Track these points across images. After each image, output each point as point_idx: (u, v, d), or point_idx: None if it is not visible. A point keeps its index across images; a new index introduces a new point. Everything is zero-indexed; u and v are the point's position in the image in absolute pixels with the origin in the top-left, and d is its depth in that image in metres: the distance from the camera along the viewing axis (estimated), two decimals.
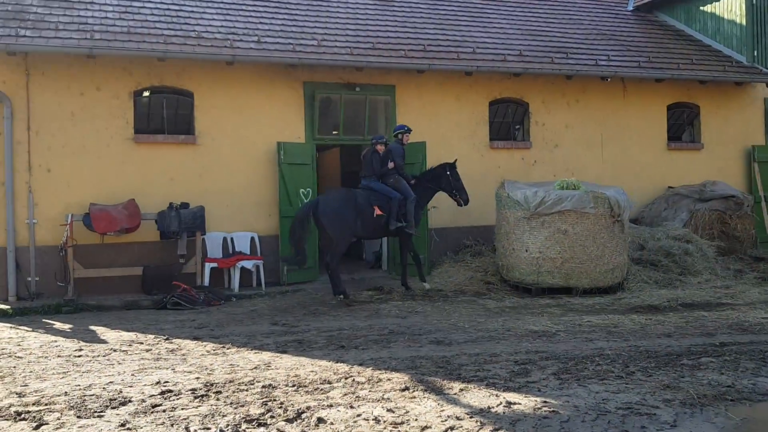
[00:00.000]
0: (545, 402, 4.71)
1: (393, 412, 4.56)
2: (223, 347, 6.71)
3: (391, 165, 9.93)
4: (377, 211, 9.61)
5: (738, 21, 14.48)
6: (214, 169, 10.70)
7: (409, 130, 10.23)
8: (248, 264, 10.48)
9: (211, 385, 5.30)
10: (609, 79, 12.83)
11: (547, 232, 9.19)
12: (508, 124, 12.89)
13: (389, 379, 5.37)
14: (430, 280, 10.53)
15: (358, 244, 14.24)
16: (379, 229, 9.89)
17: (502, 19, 13.84)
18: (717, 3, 14.95)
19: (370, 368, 5.73)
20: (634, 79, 13.20)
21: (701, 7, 15.36)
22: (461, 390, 5.03)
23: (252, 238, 10.85)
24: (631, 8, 16.43)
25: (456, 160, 10.42)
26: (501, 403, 4.70)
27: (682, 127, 14.46)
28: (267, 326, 7.82)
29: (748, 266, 11.36)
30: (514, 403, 4.69)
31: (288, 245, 10.68)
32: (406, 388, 5.09)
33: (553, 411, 4.51)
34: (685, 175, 13.75)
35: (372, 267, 12.56)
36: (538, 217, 9.22)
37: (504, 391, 5.01)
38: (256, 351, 6.53)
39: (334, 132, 11.53)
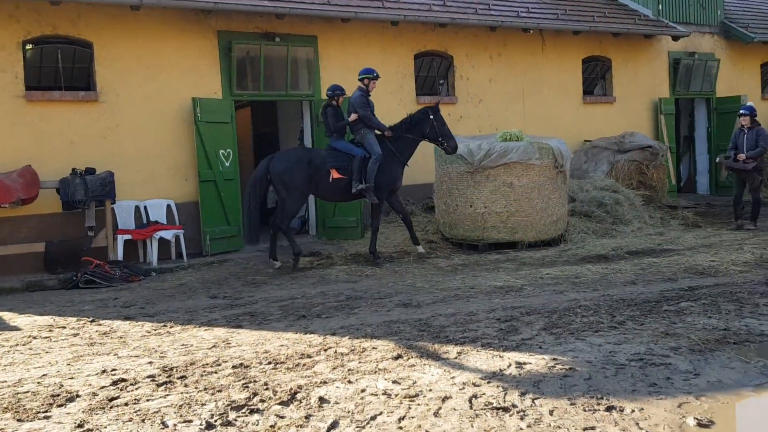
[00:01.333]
0: (555, 359, 4.37)
1: (399, 383, 4.05)
2: (165, 326, 5.90)
3: (353, 117, 8.70)
4: (334, 174, 8.53)
5: None
6: (121, 130, 9.54)
7: (377, 76, 8.93)
8: (167, 234, 9.49)
9: (171, 369, 4.55)
10: (531, 31, 12.68)
11: (492, 185, 8.90)
12: (433, 78, 12.47)
13: (374, 348, 4.84)
14: (366, 243, 10.01)
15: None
16: (342, 193, 8.73)
17: None
18: None
19: (347, 337, 5.18)
20: (553, 32, 13.14)
21: None
22: (460, 353, 4.60)
23: (168, 206, 9.83)
24: None
25: (438, 103, 9.16)
26: (510, 364, 4.31)
27: (595, 81, 14.67)
28: (205, 300, 7.03)
29: (667, 214, 11.69)
30: (524, 363, 4.32)
31: (213, 215, 9.82)
32: (399, 356, 4.60)
33: (570, 368, 4.18)
34: (599, 129, 13.96)
35: (298, 233, 11.83)
36: (483, 171, 8.90)
37: (504, 351, 4.63)
38: (207, 328, 5.78)
39: (252, 87, 10.59)
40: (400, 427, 3.41)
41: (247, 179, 13.33)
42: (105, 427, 3.56)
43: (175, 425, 3.55)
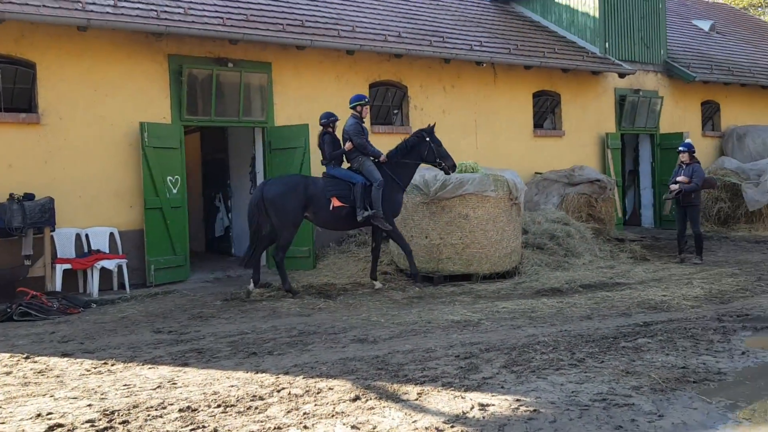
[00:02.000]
0: (518, 400, 4.25)
1: (358, 429, 3.85)
2: (106, 364, 5.54)
3: (348, 146, 8.60)
4: (335, 203, 8.30)
5: (591, 13, 15.20)
6: (64, 154, 9.13)
7: (368, 102, 8.90)
8: (109, 264, 9.07)
9: (112, 413, 4.23)
10: (484, 65, 12.83)
11: (448, 217, 8.84)
12: (388, 108, 12.45)
13: (330, 388, 4.63)
14: (318, 273, 9.83)
15: (226, 237, 13.14)
16: (345, 221, 8.54)
17: (374, 0, 13.36)
18: None
19: (301, 377, 4.95)
20: (505, 66, 13.34)
21: (556, 0, 15.96)
22: (420, 394, 4.43)
23: (111, 234, 9.43)
24: None
25: (434, 124, 9.09)
26: (473, 406, 4.17)
27: (545, 115, 14.94)
28: (149, 335, 6.67)
29: (616, 247, 11.87)
30: (488, 405, 4.18)
31: (159, 244, 9.44)
32: (357, 398, 4.39)
33: (534, 410, 4.06)
34: (549, 162, 14.18)
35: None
36: (439, 202, 8.84)
37: (466, 391, 4.48)
38: (151, 366, 5.45)
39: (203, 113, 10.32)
40: None
41: (194, 206, 13.10)
42: None
43: None
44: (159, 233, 9.54)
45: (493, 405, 4.18)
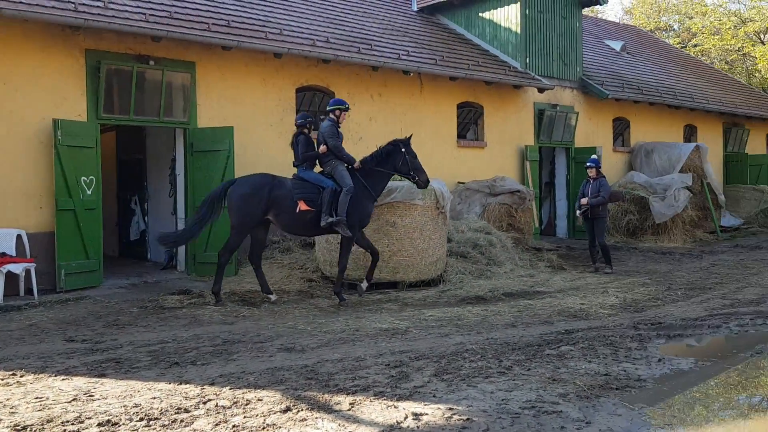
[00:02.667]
0: (451, 409, 4.26)
1: None
2: (15, 375, 5.18)
3: (322, 148, 8.34)
4: (302, 206, 8.02)
5: (513, 29, 15.64)
6: None
7: (348, 108, 8.67)
8: (16, 268, 8.49)
9: (24, 428, 3.95)
10: (411, 74, 12.94)
11: (376, 224, 8.82)
12: (315, 114, 12.33)
13: (260, 399, 4.50)
14: (241, 280, 9.59)
15: (141, 241, 12.62)
16: (309, 226, 8.24)
17: (302, 3, 13.24)
18: (495, 11, 16.00)
19: (228, 387, 4.79)
20: (431, 76, 13.50)
21: (480, 14, 16.33)
22: (352, 404, 4.37)
23: (19, 236, 8.84)
24: (416, 9, 16.94)
25: (411, 135, 9.02)
26: (407, 416, 4.15)
27: (468, 126, 15.22)
28: (61, 344, 6.29)
29: (534, 256, 12.22)
30: (421, 414, 4.17)
31: (71, 247, 8.94)
32: (288, 409, 4.29)
33: (467, 419, 4.08)
34: (472, 172, 14.45)
35: (165, 268, 11.10)
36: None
37: (398, 400, 4.46)
38: (65, 377, 5.13)
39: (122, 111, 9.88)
40: None
41: (109, 208, 12.50)
42: None
43: None
44: (71, 236, 9.04)
45: (427, 414, 4.17)
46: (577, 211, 11.50)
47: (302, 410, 4.26)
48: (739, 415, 4.43)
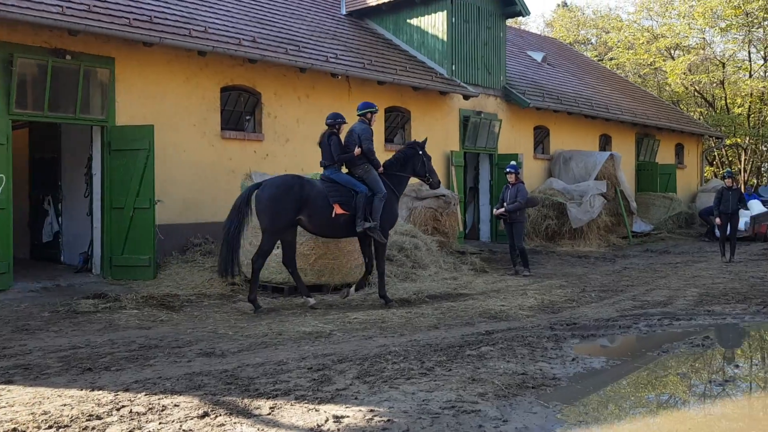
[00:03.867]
0: (372, 411, 4.28)
1: None
2: None
3: (357, 151, 8.16)
4: (338, 210, 7.86)
5: (440, 36, 15.91)
6: None
7: (377, 110, 8.58)
8: None
9: None
10: (339, 77, 12.95)
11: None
12: (240, 114, 12.15)
13: (176, 405, 4.38)
14: (159, 284, 9.32)
15: (55, 243, 12.06)
16: (343, 229, 8.08)
17: (228, 2, 13.02)
18: (422, 18, 16.23)
19: (143, 393, 4.64)
20: (360, 80, 13.55)
21: (408, 20, 16.52)
22: (273, 408, 4.32)
23: None
24: (344, 13, 16.97)
25: (426, 139, 9.02)
26: (327, 419, 4.13)
27: (396, 130, 15.37)
28: None
29: (458, 259, 12.44)
30: (342, 417, 4.17)
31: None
32: (206, 414, 4.20)
33: (388, 420, 4.11)
34: None
35: (79, 270, 10.64)
36: None
37: (320, 403, 4.44)
38: None
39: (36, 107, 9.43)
40: None
41: (21, 208, 11.87)
42: None
43: None
44: None
45: (348, 417, 4.17)
46: (494, 212, 11.88)
47: (220, 415, 4.18)
48: (648, 412, 4.65)
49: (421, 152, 8.69)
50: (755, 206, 17.96)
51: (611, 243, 16.93)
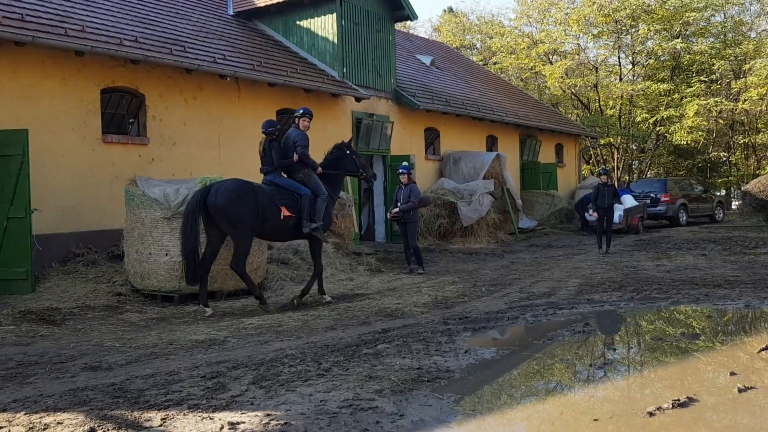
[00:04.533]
0: (269, 415, 4.23)
1: None
2: None
3: (295, 157, 8.43)
4: (285, 213, 8.05)
5: (330, 39, 15.96)
6: None
7: (311, 115, 8.91)
8: None
9: None
10: (228, 78, 12.69)
11: None
12: (123, 116, 11.62)
13: (60, 423, 4.14)
14: (38, 297, 8.76)
15: None
16: (287, 232, 8.34)
17: (109, 0, 12.44)
18: (312, 19, 16.21)
19: (22, 413, 4.35)
20: (249, 81, 13.35)
21: (298, 22, 16.46)
22: (164, 420, 4.18)
23: None
24: (232, 13, 16.66)
25: (351, 139, 9.71)
26: (222, 426, 4.05)
27: None
28: None
29: (354, 260, 12.53)
30: (238, 423, 4.09)
31: None
32: (92, 430, 4.00)
33: (285, 423, 4.08)
34: None
35: None
36: (181, 217, 8.45)
37: (214, 411, 4.34)
38: None
39: None
40: None
41: None
42: None
43: None
44: None
45: (244, 423, 4.10)
46: (388, 215, 12.07)
47: (108, 430, 3.99)
48: (537, 398, 4.88)
49: (348, 152, 9.14)
50: (628, 200, 19.27)
51: (500, 239, 17.63)
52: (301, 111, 8.94)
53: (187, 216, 7.76)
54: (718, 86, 30.16)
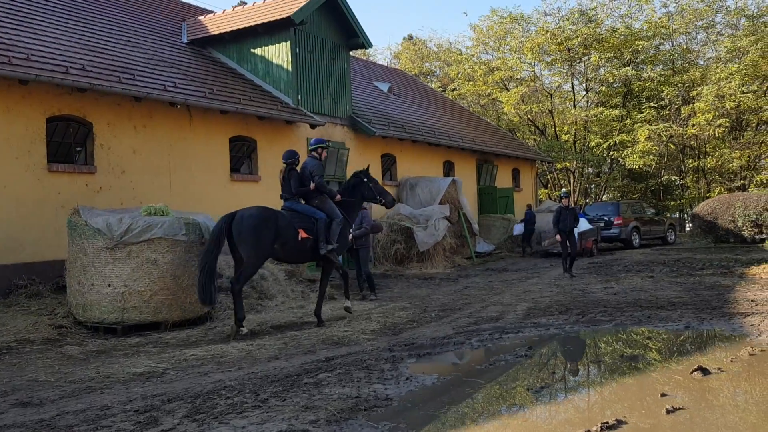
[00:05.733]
0: None
1: None
2: None
3: (312, 186, 8.93)
4: (302, 235, 8.62)
5: (285, 66, 16.03)
6: None
7: (328, 146, 9.44)
8: None
9: None
10: (178, 106, 12.62)
11: (135, 263, 8.36)
12: (69, 145, 11.44)
13: None
14: None
15: None
16: (306, 254, 8.93)
17: (55, 29, 12.33)
18: (266, 47, 16.27)
19: None
20: (201, 109, 13.30)
21: (252, 50, 16.50)
22: None
23: None
24: (186, 41, 16.64)
25: (368, 166, 10.17)
26: None
27: (242, 159, 15.19)
28: None
29: (307, 287, 12.46)
30: None
31: None
32: None
33: None
34: (245, 205, 14.23)
35: None
36: (124, 247, 8.32)
37: None
38: None
39: None
40: None
41: None
42: None
43: None
44: None
45: None
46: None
47: None
48: (471, 423, 4.90)
49: (365, 179, 9.65)
50: (582, 224, 19.61)
51: (456, 264, 17.75)
52: (324, 143, 9.53)
53: (213, 240, 8.32)
54: (668, 112, 31.09)
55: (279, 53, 16.09)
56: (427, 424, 4.83)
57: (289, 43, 15.87)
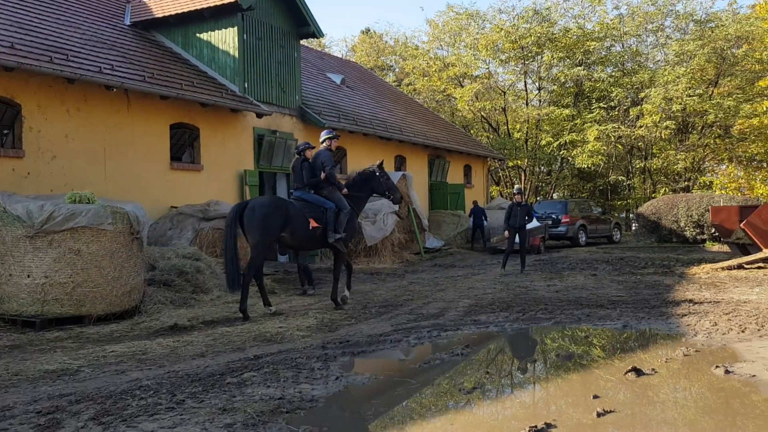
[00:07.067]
0: None
1: None
2: None
3: (323, 176, 9.27)
4: (313, 224, 8.99)
5: (231, 53, 15.56)
6: None
7: (337, 136, 9.83)
8: None
9: None
10: (114, 90, 12.08)
11: (56, 252, 7.88)
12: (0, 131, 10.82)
13: None
14: None
15: None
16: (315, 241, 9.30)
17: None
18: (212, 32, 15.78)
19: None
20: (140, 93, 12.77)
21: (198, 34, 15.97)
22: None
23: None
24: (128, 23, 16.01)
25: (382, 161, 10.33)
26: None
27: (184, 148, 14.69)
28: None
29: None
30: None
31: None
32: None
33: None
34: (187, 195, 13.94)
35: None
36: (45, 236, 7.84)
37: None
38: None
39: None
40: None
41: None
42: None
43: None
44: None
45: None
46: None
47: None
48: (397, 425, 4.68)
49: (378, 173, 9.85)
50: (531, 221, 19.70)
51: (404, 259, 17.59)
52: (332, 134, 9.82)
53: (227, 228, 8.73)
54: (617, 113, 31.60)
55: (225, 39, 15.61)
56: (351, 427, 4.60)
57: (236, 28, 15.41)
